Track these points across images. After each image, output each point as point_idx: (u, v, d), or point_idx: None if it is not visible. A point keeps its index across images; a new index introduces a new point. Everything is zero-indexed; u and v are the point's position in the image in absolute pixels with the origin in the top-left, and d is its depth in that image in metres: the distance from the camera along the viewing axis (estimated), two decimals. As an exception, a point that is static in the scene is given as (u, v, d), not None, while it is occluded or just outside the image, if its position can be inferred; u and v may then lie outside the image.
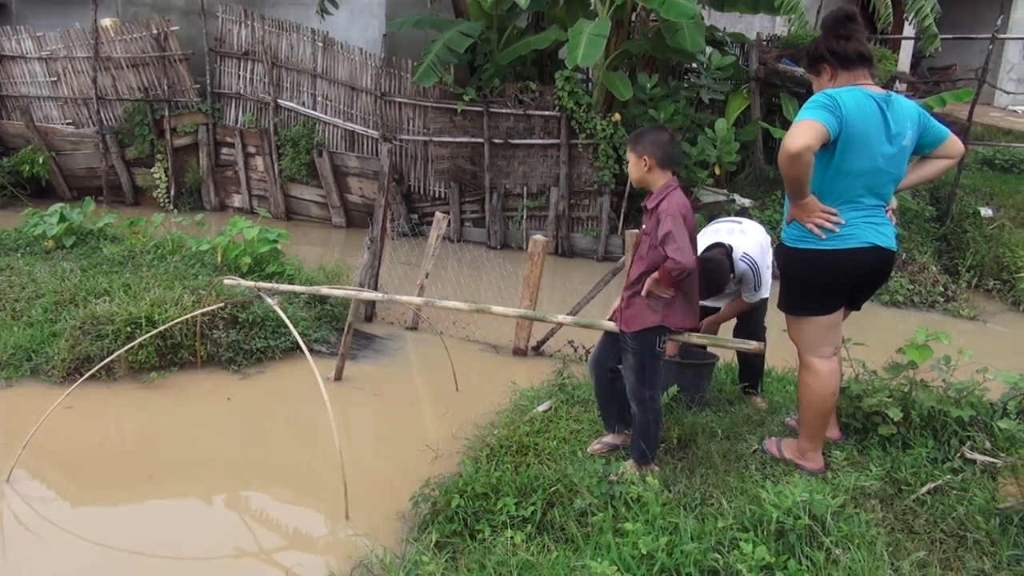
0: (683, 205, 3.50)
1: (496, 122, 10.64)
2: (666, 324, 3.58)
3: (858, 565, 2.72)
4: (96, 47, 11.53)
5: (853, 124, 3.08)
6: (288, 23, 11.45)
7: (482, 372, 6.28)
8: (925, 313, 8.67)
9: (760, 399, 4.61)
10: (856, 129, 3.09)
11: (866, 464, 3.46)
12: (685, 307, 3.62)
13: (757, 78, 10.79)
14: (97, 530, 3.97)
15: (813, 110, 3.06)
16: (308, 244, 10.43)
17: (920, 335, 3.76)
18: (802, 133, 2.99)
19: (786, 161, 3.03)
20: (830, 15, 3.34)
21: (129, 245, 7.48)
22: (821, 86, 3.29)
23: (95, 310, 5.78)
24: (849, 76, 3.24)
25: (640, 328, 3.59)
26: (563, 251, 10.69)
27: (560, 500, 3.55)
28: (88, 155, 11.96)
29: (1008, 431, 3.43)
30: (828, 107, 3.06)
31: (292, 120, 11.65)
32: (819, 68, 3.32)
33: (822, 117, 3.03)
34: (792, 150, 2.98)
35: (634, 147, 3.61)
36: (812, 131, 3.00)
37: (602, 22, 9.26)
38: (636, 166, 3.61)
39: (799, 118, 3.07)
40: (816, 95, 3.16)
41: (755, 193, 10.39)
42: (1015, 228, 9.65)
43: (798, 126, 3.03)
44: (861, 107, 3.11)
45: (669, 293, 3.51)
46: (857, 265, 3.28)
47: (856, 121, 3.08)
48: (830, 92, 3.12)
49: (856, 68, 3.25)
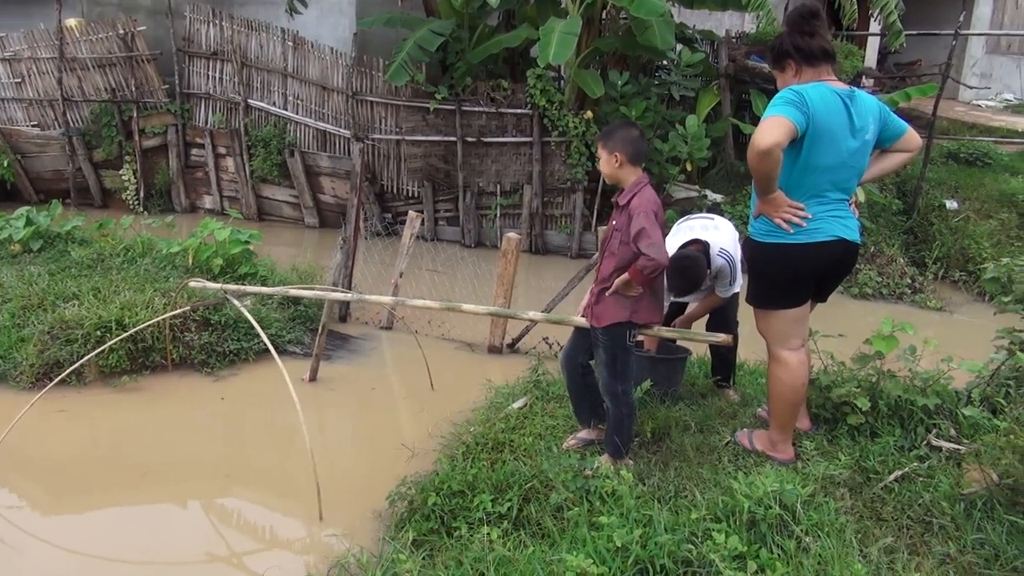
0: (654, 202, 3.54)
1: (468, 120, 10.63)
2: (634, 320, 3.62)
3: (828, 552, 2.77)
4: (61, 48, 11.36)
5: (819, 120, 3.12)
6: (257, 22, 11.35)
7: (457, 370, 6.29)
8: (893, 305, 8.82)
9: (732, 392, 4.66)
10: (822, 125, 3.13)
11: (835, 453, 3.52)
12: (652, 302, 3.67)
13: (727, 75, 10.89)
14: (70, 537, 3.93)
15: (781, 106, 3.10)
16: (281, 245, 10.36)
17: (886, 326, 3.83)
18: (771, 130, 3.02)
19: (756, 157, 3.06)
20: (794, 11, 3.37)
21: (98, 248, 7.39)
22: (785, 82, 3.33)
23: (64, 314, 5.71)
24: (813, 72, 3.29)
25: (610, 323, 3.63)
26: (537, 248, 10.72)
27: (536, 496, 3.57)
28: (55, 157, 11.77)
29: (972, 418, 3.51)
30: (795, 103, 3.09)
31: (263, 120, 11.56)
32: (784, 64, 3.36)
33: (790, 113, 3.06)
34: (762, 147, 3.01)
35: (604, 143, 3.63)
36: (781, 128, 3.03)
37: (573, 20, 9.29)
38: (607, 162, 3.63)
39: (767, 115, 3.11)
40: (783, 91, 3.19)
41: (726, 189, 10.48)
42: (979, 220, 9.83)
43: (767, 123, 3.06)
44: (827, 103, 3.15)
45: (637, 291, 3.55)
46: (824, 258, 3.33)
47: (822, 117, 3.13)
48: (796, 88, 3.16)
49: (820, 64, 3.29)
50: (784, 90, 3.20)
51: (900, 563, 2.83)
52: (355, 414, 5.58)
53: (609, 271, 3.64)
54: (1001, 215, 9.84)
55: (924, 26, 12.97)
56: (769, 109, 3.14)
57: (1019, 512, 2.88)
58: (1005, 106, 15.83)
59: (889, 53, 16.20)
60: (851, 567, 2.68)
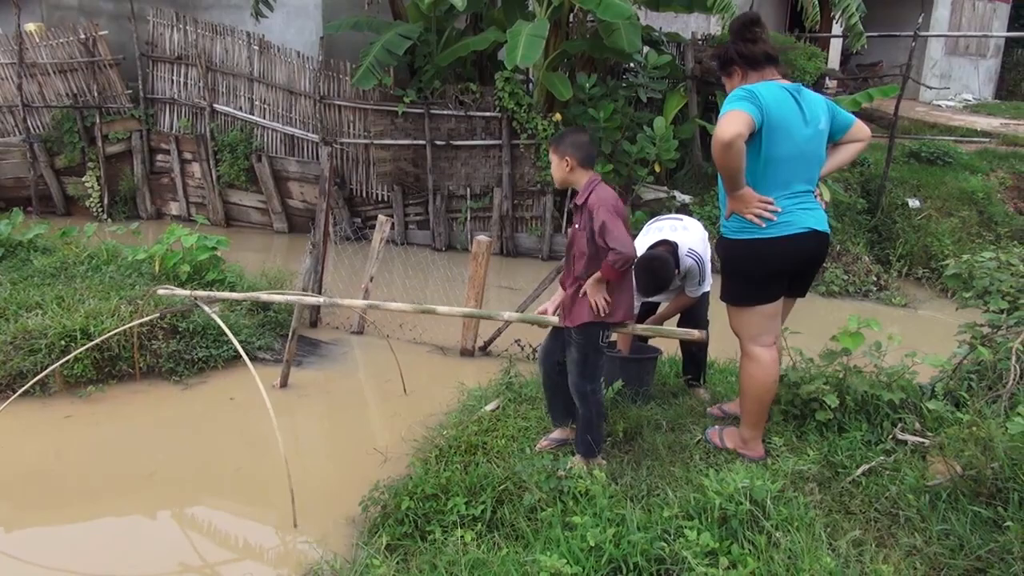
0: (611, 196, 3.61)
1: (437, 124, 10.62)
2: (607, 320, 3.64)
3: (797, 547, 2.81)
4: (20, 53, 11.14)
5: (772, 112, 3.25)
6: (222, 26, 11.24)
7: (430, 374, 6.27)
8: (859, 302, 8.97)
9: (703, 390, 4.71)
10: (776, 115, 3.26)
11: (804, 449, 3.57)
12: (624, 301, 3.69)
13: (693, 76, 11.00)
14: (36, 552, 3.86)
15: (736, 102, 3.22)
16: (249, 250, 10.25)
17: (852, 323, 3.89)
18: (731, 122, 3.12)
19: (721, 151, 3.14)
20: (736, 20, 3.55)
21: (61, 256, 7.25)
22: (734, 87, 3.45)
23: (27, 324, 5.59)
24: (758, 75, 3.43)
25: (583, 322, 3.65)
26: (508, 251, 10.73)
27: (509, 497, 3.58)
28: (15, 164, 11.53)
29: (936, 412, 3.57)
30: (747, 99, 3.22)
31: (229, 125, 11.44)
32: (731, 70, 3.51)
33: (745, 107, 3.19)
34: (725, 139, 3.10)
35: (555, 149, 3.72)
36: (739, 119, 3.14)
37: (540, 23, 9.32)
38: (558, 167, 3.72)
39: (724, 111, 3.21)
40: (734, 91, 3.32)
41: (694, 189, 10.59)
42: (941, 218, 10.04)
43: (726, 117, 3.16)
44: (776, 96, 3.29)
45: (602, 295, 3.58)
46: (798, 250, 3.42)
47: (774, 109, 3.26)
48: (747, 87, 3.30)
49: (764, 68, 3.44)
50: (735, 89, 3.33)
51: (868, 555, 2.88)
52: (327, 420, 5.54)
53: (581, 269, 3.66)
54: (962, 213, 10.06)
55: (885, 28, 13.22)
56: (725, 107, 3.25)
57: (982, 503, 2.94)
58: (964, 106, 16.20)
59: (851, 55, 16.48)
60: (820, 560, 2.71)
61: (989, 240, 9.53)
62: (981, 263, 4.14)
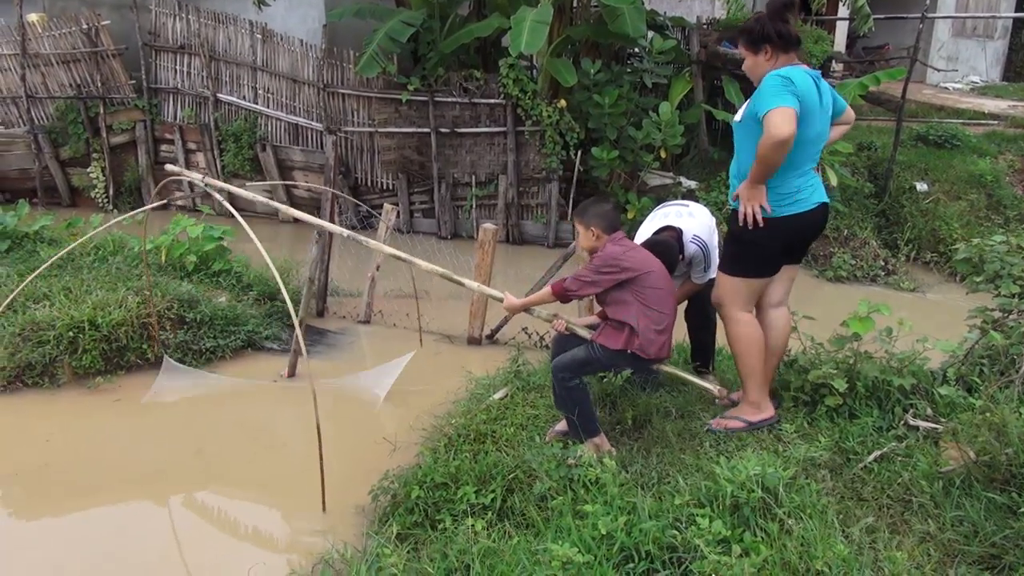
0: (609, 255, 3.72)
1: (442, 111, 10.57)
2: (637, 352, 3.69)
3: (810, 534, 2.79)
4: (23, 44, 11.12)
5: (805, 100, 3.39)
6: (225, 15, 11.19)
7: (437, 363, 6.27)
8: (867, 287, 8.92)
9: (712, 377, 4.68)
10: (806, 104, 3.40)
11: (815, 436, 3.55)
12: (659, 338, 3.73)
13: (699, 61, 10.92)
14: (49, 541, 3.88)
15: (782, 96, 3.31)
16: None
17: (862, 308, 3.87)
18: (788, 121, 3.25)
19: (776, 147, 3.28)
20: (776, 1, 3.56)
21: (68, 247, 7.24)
22: (757, 64, 3.55)
23: (35, 316, 5.60)
24: (786, 58, 3.51)
25: (604, 344, 3.74)
26: (513, 239, 10.71)
27: (519, 486, 3.57)
28: (20, 156, 11.53)
29: (948, 397, 3.55)
30: (790, 90, 3.33)
31: (233, 114, 11.41)
32: (762, 48, 3.53)
33: (792, 102, 3.30)
34: (783, 136, 3.24)
35: (580, 220, 3.88)
36: (793, 116, 3.27)
37: (544, 8, 9.26)
38: (586, 237, 3.87)
39: (774, 105, 3.29)
40: (774, 79, 3.37)
41: (700, 175, 10.53)
42: (949, 202, 9.97)
43: (781, 113, 3.26)
44: (806, 84, 3.42)
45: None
46: (812, 223, 3.66)
47: (806, 97, 3.40)
48: (782, 74, 3.38)
49: (792, 51, 3.53)
50: (774, 76, 3.39)
51: (881, 542, 2.86)
52: (335, 409, 5.53)
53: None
54: (970, 196, 9.99)
55: (892, 10, 13.09)
56: (771, 99, 3.32)
57: (996, 489, 2.92)
58: (971, 88, 16.06)
59: (858, 38, 16.36)
60: (834, 547, 2.70)
61: (998, 223, 9.48)
62: (991, 247, 4.09)
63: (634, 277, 3.66)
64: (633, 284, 3.67)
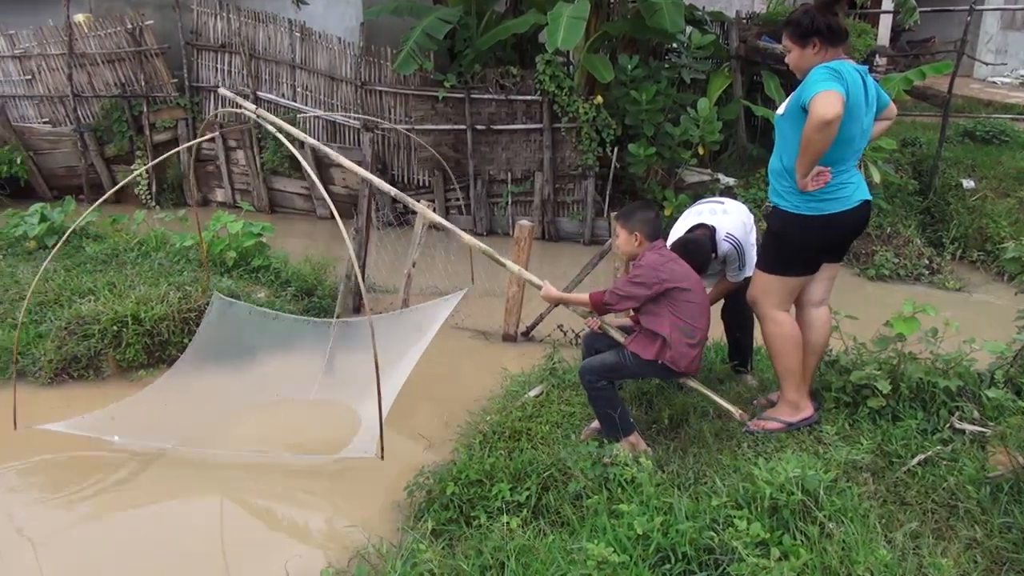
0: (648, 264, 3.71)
1: (478, 108, 10.57)
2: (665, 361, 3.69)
3: (852, 538, 2.74)
4: (70, 44, 11.36)
5: (852, 95, 3.34)
6: (264, 14, 11.32)
7: (472, 359, 6.28)
8: (911, 286, 8.72)
9: (750, 377, 4.63)
10: (853, 99, 3.35)
11: (857, 438, 3.49)
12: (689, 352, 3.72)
13: (738, 56, 10.77)
14: (90, 530, 3.96)
15: (830, 82, 3.25)
16: (294, 236, 10.35)
17: (907, 308, 3.79)
18: (833, 103, 3.18)
19: (821, 128, 3.20)
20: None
21: (112, 243, 7.41)
22: (804, 57, 3.48)
23: (80, 310, 5.73)
24: (834, 52, 3.45)
25: (636, 352, 3.74)
26: (549, 236, 10.67)
27: (554, 484, 3.56)
28: (67, 154, 11.80)
29: (996, 400, 3.46)
30: (838, 80, 3.27)
31: (272, 112, 11.51)
32: (810, 41, 3.47)
33: (839, 88, 3.24)
34: (828, 117, 3.16)
35: (624, 224, 3.83)
36: (839, 100, 3.20)
37: (581, 4, 9.19)
38: (627, 242, 3.83)
39: (820, 89, 3.22)
40: (821, 70, 3.33)
41: (739, 172, 10.39)
42: (997, 199, 9.70)
43: (827, 96, 3.19)
44: (854, 79, 3.37)
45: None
46: (856, 220, 3.60)
47: (853, 91, 3.35)
48: (832, 66, 3.33)
49: (840, 45, 3.47)
50: (822, 68, 3.34)
51: (926, 548, 2.80)
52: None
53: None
54: (1019, 193, 9.69)
55: (938, 3, 12.74)
56: (818, 84, 3.27)
57: (1046, 495, 2.85)
58: (1021, 82, 15.62)
59: (902, 31, 15.99)
60: (876, 552, 2.65)
61: (1048, 222, 9.20)
62: (1042, 246, 3.98)
63: (670, 289, 3.64)
64: (669, 296, 3.66)
